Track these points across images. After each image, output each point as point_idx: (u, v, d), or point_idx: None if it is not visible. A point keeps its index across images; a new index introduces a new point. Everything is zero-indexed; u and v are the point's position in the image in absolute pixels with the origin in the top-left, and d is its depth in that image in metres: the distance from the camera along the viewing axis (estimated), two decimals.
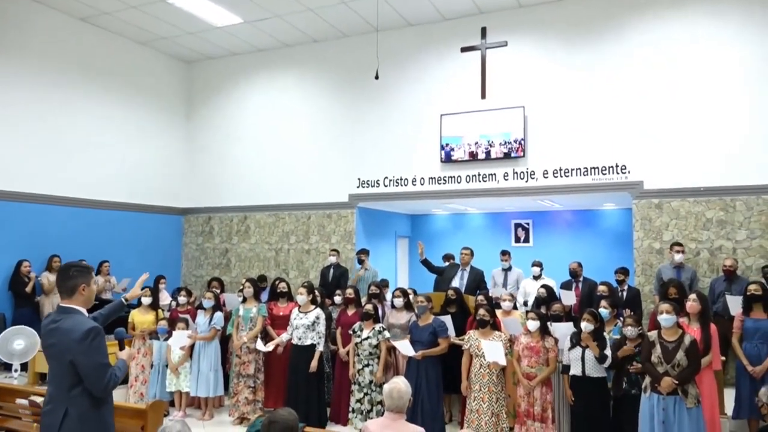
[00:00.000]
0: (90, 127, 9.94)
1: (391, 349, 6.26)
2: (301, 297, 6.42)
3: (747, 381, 5.52)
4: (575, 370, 5.19)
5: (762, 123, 7.67)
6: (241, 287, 7.08)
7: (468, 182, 9.30)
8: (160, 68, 11.32)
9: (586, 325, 5.17)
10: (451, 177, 9.41)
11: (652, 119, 8.24)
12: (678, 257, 7.52)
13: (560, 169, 8.72)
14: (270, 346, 6.47)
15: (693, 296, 5.27)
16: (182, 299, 7.41)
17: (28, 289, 8.49)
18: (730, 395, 5.83)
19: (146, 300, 7.12)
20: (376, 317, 6.32)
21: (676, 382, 4.45)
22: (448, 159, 9.33)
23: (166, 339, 6.88)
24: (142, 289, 7.19)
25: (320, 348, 6.27)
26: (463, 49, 9.42)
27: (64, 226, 9.39)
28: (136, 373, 7.01)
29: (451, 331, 6.06)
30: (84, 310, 3.24)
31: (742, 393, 5.57)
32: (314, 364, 6.20)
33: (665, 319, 4.64)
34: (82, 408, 3.11)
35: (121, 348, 3.51)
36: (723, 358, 5.99)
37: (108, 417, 3.25)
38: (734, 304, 6.07)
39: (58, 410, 3.10)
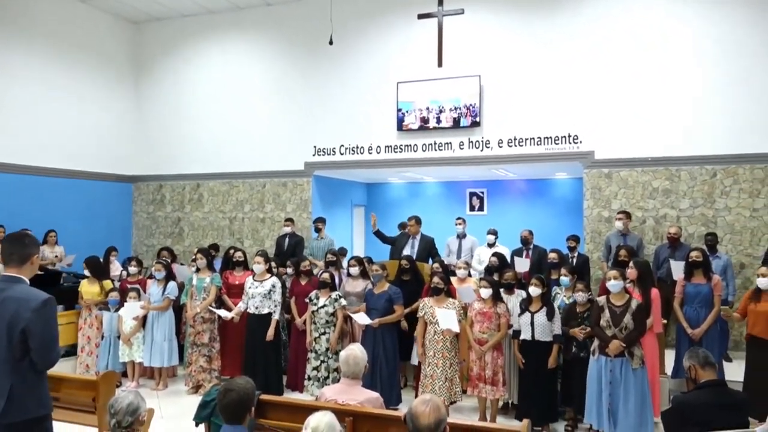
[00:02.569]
0: (32, 90, 9.43)
1: (348, 317, 6.32)
2: (258, 266, 6.37)
3: (686, 343, 5.80)
4: (525, 334, 5.36)
5: (708, 96, 7.90)
6: (194, 258, 6.98)
7: (424, 151, 9.31)
8: (105, 29, 10.78)
9: (533, 290, 5.35)
10: (406, 145, 9.40)
11: (604, 91, 8.38)
12: (618, 224, 7.76)
13: (514, 139, 8.82)
14: (230, 314, 6.43)
15: (631, 263, 5.49)
16: (133, 269, 7.26)
17: None
18: (671, 356, 6.12)
19: None
20: (333, 285, 6.34)
21: (624, 345, 4.67)
22: (401, 126, 9.29)
23: (117, 310, 6.76)
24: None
25: (276, 316, 6.27)
26: (420, 16, 9.31)
27: (6, 194, 8.96)
28: (82, 344, 6.89)
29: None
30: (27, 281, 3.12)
31: (682, 354, 5.81)
32: (271, 332, 6.22)
33: (613, 285, 4.85)
34: (27, 378, 2.97)
35: None
36: (665, 321, 6.27)
37: (47, 390, 3.12)
38: (677, 269, 6.33)
39: (1, 386, 2.92)
